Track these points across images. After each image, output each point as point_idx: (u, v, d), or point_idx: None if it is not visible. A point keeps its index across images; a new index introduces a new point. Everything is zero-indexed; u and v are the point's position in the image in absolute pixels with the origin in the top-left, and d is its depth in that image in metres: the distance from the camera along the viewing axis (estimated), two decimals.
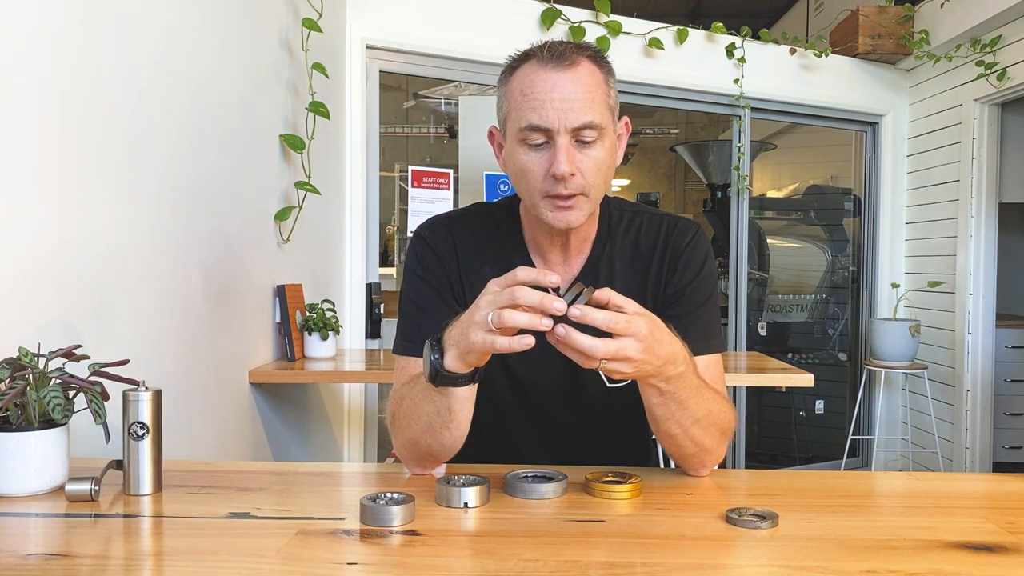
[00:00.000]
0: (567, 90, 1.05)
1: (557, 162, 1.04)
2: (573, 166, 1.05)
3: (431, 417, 1.03)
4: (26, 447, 0.97)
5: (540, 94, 1.05)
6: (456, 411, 1.02)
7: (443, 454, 1.07)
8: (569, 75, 1.05)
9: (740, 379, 2.58)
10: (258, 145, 2.18)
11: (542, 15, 3.26)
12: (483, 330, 0.91)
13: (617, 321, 0.89)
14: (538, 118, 1.05)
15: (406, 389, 1.09)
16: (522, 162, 1.08)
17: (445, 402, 1.01)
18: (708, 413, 1.05)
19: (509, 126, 1.10)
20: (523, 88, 1.07)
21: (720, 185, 4.65)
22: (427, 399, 1.03)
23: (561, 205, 1.07)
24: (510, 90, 1.09)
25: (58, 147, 1.29)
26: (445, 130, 5.75)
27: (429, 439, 1.05)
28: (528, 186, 1.09)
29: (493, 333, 0.90)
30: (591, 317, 0.88)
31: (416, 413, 1.05)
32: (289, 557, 0.79)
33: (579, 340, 0.88)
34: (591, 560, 0.79)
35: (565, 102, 1.04)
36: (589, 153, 1.07)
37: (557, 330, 0.89)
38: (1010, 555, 0.81)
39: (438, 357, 0.97)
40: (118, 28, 1.46)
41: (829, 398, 4.55)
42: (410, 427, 1.06)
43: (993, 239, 3.77)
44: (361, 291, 3.07)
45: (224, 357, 1.97)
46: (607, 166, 1.10)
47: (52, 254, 1.27)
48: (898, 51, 3.96)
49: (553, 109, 1.04)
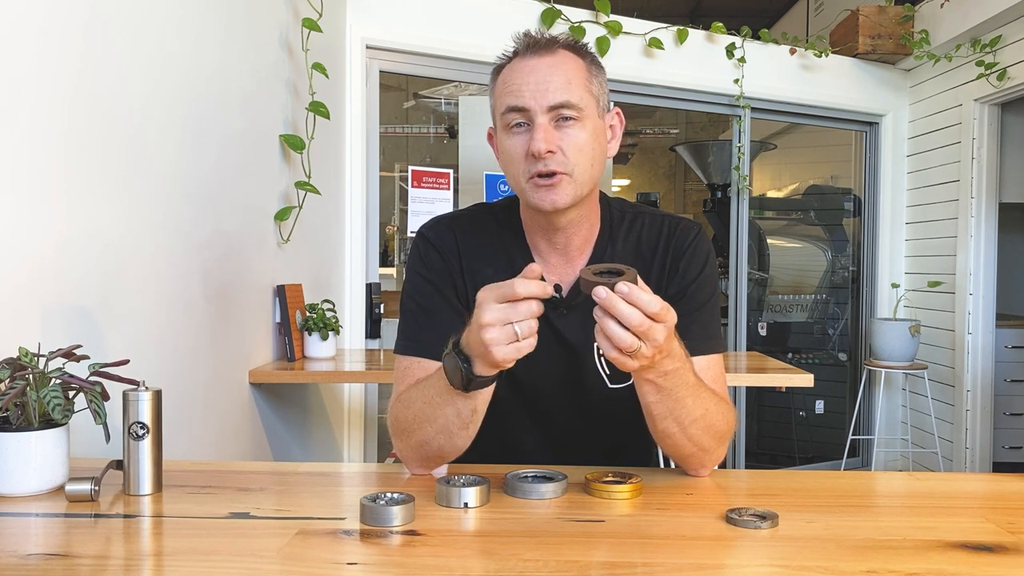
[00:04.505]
0: (544, 73, 1.09)
1: (534, 140, 1.07)
2: (552, 144, 1.08)
3: (449, 420, 1.04)
4: (26, 447, 0.97)
5: (518, 79, 1.10)
6: (479, 411, 1.04)
7: (453, 454, 1.08)
8: (546, 60, 1.10)
9: (740, 379, 2.58)
10: (258, 145, 2.18)
11: (542, 15, 3.26)
12: (504, 344, 0.93)
13: (660, 305, 0.90)
14: (515, 99, 1.09)
15: (415, 393, 1.09)
16: (506, 147, 1.12)
17: (470, 404, 1.02)
18: (706, 412, 1.05)
19: (496, 118, 1.15)
20: (506, 79, 1.12)
21: (720, 185, 4.65)
22: (447, 403, 1.03)
23: (542, 184, 1.09)
24: (496, 86, 1.15)
25: (59, 148, 1.29)
26: (445, 130, 5.75)
27: (443, 440, 1.06)
28: (514, 171, 1.12)
29: (517, 342, 0.93)
30: (637, 296, 0.89)
31: (431, 417, 1.05)
32: (289, 557, 0.79)
33: (620, 307, 0.88)
34: (591, 560, 0.79)
35: (541, 83, 1.09)
36: (569, 132, 1.09)
37: (598, 291, 0.89)
38: (1010, 555, 0.81)
39: (468, 366, 0.98)
40: (120, 29, 1.46)
41: (829, 398, 4.55)
42: (423, 430, 1.06)
43: (993, 239, 3.77)
44: (361, 291, 3.07)
45: (224, 357, 1.97)
46: (590, 148, 1.11)
47: (53, 254, 1.27)
48: (898, 51, 3.96)
49: (529, 91, 1.09)
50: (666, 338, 0.92)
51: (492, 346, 0.92)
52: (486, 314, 0.92)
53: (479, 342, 0.93)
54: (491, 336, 0.92)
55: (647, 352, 0.91)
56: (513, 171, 1.12)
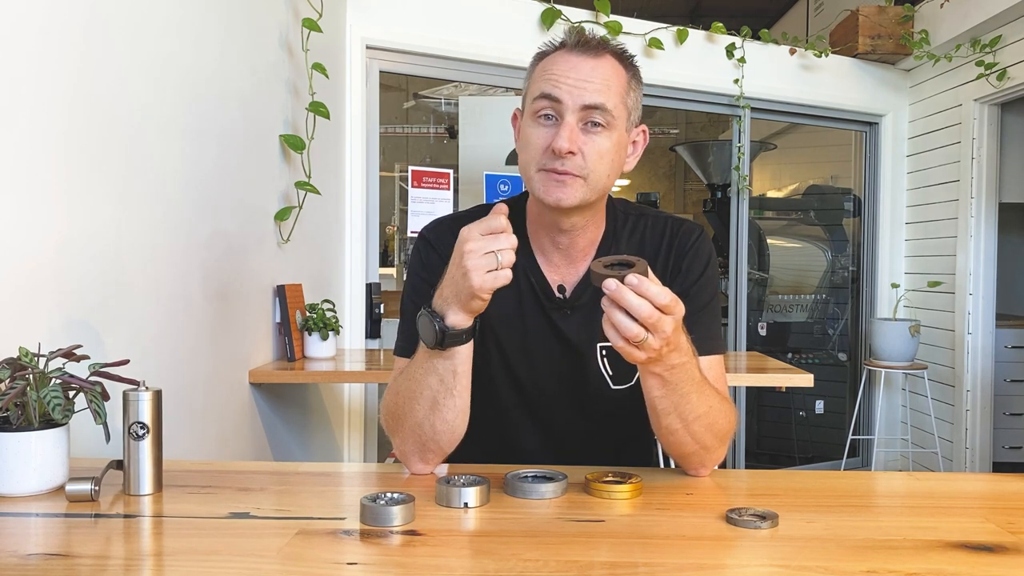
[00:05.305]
0: (585, 73, 1.09)
1: (559, 137, 1.07)
2: (574, 144, 1.07)
3: (435, 390, 1.05)
4: (26, 447, 0.97)
5: (559, 72, 1.09)
6: (460, 373, 1.05)
7: (447, 436, 1.07)
8: (591, 62, 1.10)
9: (740, 379, 2.58)
10: (258, 145, 2.18)
11: (542, 15, 3.26)
12: (484, 271, 0.95)
13: (670, 297, 0.91)
14: (551, 87, 1.09)
15: (401, 378, 1.11)
16: (528, 134, 1.11)
17: (450, 365, 1.04)
18: (709, 410, 1.05)
19: (526, 102, 1.14)
20: (546, 67, 1.12)
21: (720, 185, 4.65)
22: (429, 371, 1.05)
23: (555, 178, 1.09)
24: (534, 70, 1.14)
25: (59, 147, 1.29)
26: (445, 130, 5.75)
27: (433, 418, 1.06)
28: (528, 158, 1.12)
29: (494, 271, 0.95)
30: (647, 288, 0.89)
31: (418, 392, 1.06)
32: (289, 557, 0.79)
33: (629, 298, 0.89)
34: (591, 560, 0.79)
35: (580, 82, 1.08)
36: (594, 138, 1.09)
37: (608, 283, 0.89)
38: (1010, 555, 0.81)
39: (440, 319, 1.00)
40: (120, 29, 1.45)
41: (829, 398, 4.55)
42: (413, 411, 1.07)
43: (993, 239, 3.77)
44: (361, 291, 3.07)
45: (224, 357, 1.97)
46: (611, 158, 1.11)
47: (53, 254, 1.27)
48: (898, 51, 3.96)
49: (567, 85, 1.08)
50: (674, 330, 0.93)
51: (472, 271, 0.95)
52: (469, 241, 0.96)
53: (460, 273, 0.96)
54: (473, 263, 0.95)
55: (655, 344, 0.92)
56: (527, 158, 1.12)
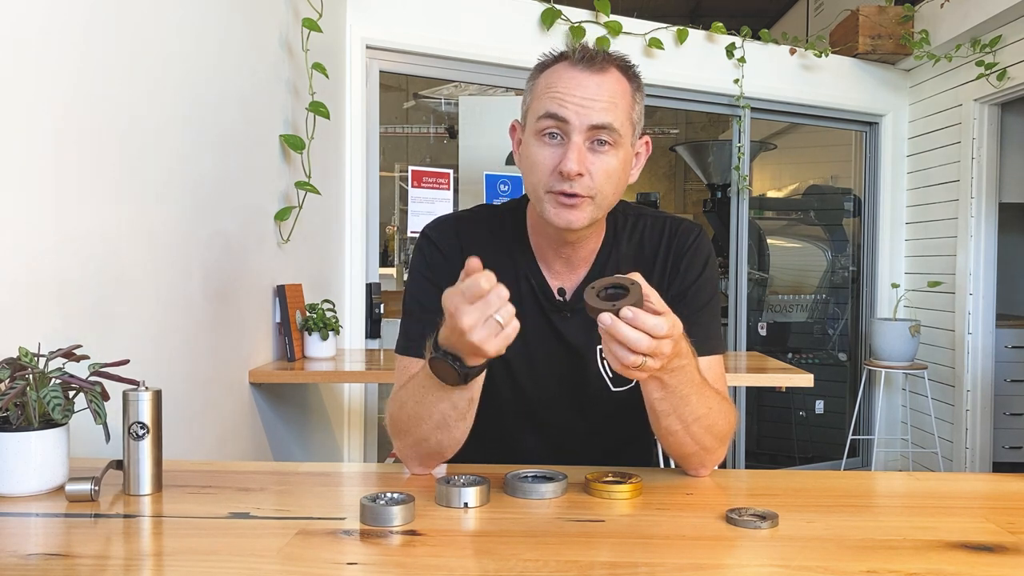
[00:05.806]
0: (591, 91, 1.06)
1: (567, 159, 1.05)
2: (583, 166, 1.05)
3: (446, 413, 1.03)
4: (26, 447, 0.97)
5: (564, 89, 1.07)
6: (475, 399, 1.04)
7: (451, 449, 1.08)
8: (596, 78, 1.07)
9: (740, 379, 2.58)
10: (258, 145, 2.18)
11: (542, 15, 3.26)
12: (492, 338, 0.91)
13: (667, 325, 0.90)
14: (557, 107, 1.06)
15: (407, 393, 1.08)
16: (534, 154, 1.09)
17: (467, 395, 1.02)
18: (709, 411, 1.05)
19: (529, 118, 1.11)
20: (549, 82, 1.08)
21: (720, 185, 4.65)
22: (442, 398, 1.02)
23: (564, 202, 1.07)
24: (536, 84, 1.11)
25: (59, 147, 1.29)
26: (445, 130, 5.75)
27: (440, 435, 1.05)
28: (535, 180, 1.10)
29: (504, 331, 0.92)
30: (642, 320, 0.88)
31: (426, 414, 1.05)
32: (289, 557, 0.79)
33: (626, 333, 0.88)
34: (591, 560, 0.79)
35: (587, 100, 1.06)
36: (602, 158, 1.07)
37: (603, 318, 0.89)
38: (1010, 555, 0.81)
39: (459, 363, 0.96)
40: (120, 29, 1.45)
41: (829, 398, 4.55)
42: (419, 428, 1.06)
43: (993, 239, 3.77)
44: (361, 291, 3.07)
45: (224, 357, 1.97)
46: (618, 176, 1.10)
47: (52, 254, 1.27)
48: (898, 51, 3.96)
49: (573, 104, 1.06)
50: (673, 348, 0.92)
51: (482, 344, 0.91)
52: (464, 318, 0.91)
53: (467, 345, 0.93)
54: (478, 337, 0.91)
55: (654, 365, 0.91)
56: (534, 180, 1.10)
